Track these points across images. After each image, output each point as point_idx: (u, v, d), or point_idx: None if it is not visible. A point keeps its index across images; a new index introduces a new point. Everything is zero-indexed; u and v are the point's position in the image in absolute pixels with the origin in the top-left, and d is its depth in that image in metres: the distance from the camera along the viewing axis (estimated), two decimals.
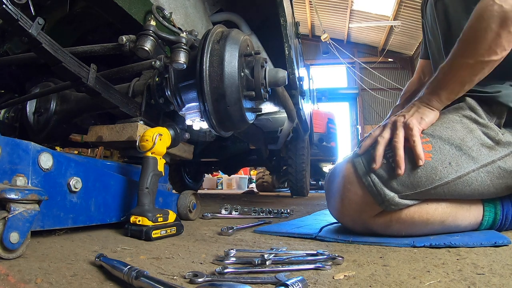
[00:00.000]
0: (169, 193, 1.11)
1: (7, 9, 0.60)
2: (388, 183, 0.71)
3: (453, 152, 0.72)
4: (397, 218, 0.73)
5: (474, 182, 0.71)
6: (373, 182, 0.72)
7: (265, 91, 0.94)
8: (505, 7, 0.68)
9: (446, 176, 0.70)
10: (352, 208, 0.76)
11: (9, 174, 0.62)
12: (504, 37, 0.69)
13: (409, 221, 0.73)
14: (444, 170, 0.70)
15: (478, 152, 0.72)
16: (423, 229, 0.74)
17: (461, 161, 0.71)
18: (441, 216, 0.73)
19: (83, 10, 1.15)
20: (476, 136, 0.74)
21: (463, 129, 0.75)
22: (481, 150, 0.73)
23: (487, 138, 0.75)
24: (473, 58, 0.72)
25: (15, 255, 0.53)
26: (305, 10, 10.22)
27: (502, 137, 0.75)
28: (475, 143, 0.73)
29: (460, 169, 0.71)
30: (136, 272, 0.42)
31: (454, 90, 0.77)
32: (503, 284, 0.42)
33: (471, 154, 0.72)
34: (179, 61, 0.84)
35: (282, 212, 1.33)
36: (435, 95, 0.78)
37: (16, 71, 1.38)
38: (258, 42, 1.57)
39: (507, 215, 0.77)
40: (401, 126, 0.74)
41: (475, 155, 0.72)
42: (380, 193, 0.71)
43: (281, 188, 5.34)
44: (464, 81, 0.75)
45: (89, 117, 1.32)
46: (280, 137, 2.55)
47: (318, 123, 4.67)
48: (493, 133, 0.75)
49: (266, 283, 0.45)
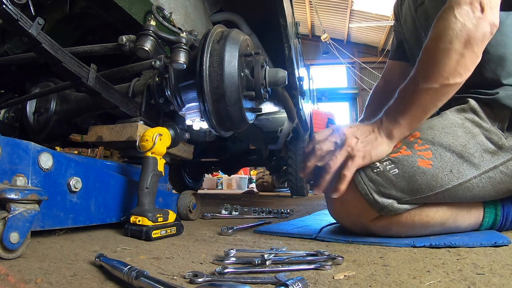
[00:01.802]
0: (169, 193, 1.11)
1: (7, 9, 0.60)
2: (386, 192, 0.69)
3: (454, 160, 0.70)
4: (397, 221, 0.72)
5: (476, 188, 0.70)
6: (369, 191, 0.70)
7: (265, 91, 0.94)
8: (467, 26, 0.65)
9: (447, 183, 0.69)
10: (351, 212, 0.75)
11: (9, 174, 0.62)
12: (468, 57, 0.66)
13: (409, 224, 0.72)
14: (445, 177, 0.69)
15: (481, 158, 0.71)
16: (423, 231, 0.74)
17: (462, 168, 0.69)
18: (441, 219, 0.73)
19: (83, 10, 1.15)
20: (479, 142, 0.72)
21: (465, 134, 0.72)
22: (483, 156, 0.71)
23: (490, 143, 0.72)
24: (438, 82, 0.67)
25: (15, 255, 0.53)
26: (305, 10, 10.22)
27: (505, 142, 0.72)
28: (478, 149, 0.71)
29: (462, 176, 0.69)
30: (136, 272, 0.42)
31: (416, 118, 0.72)
32: (503, 284, 0.42)
33: (473, 161, 0.70)
34: (179, 61, 0.84)
35: (282, 212, 1.33)
36: (395, 125, 0.72)
37: (16, 71, 1.38)
38: (258, 42, 1.57)
39: (508, 216, 0.77)
40: (344, 151, 0.71)
41: (477, 162, 0.70)
42: (378, 201, 0.69)
43: (281, 188, 5.34)
44: (428, 107, 0.71)
45: (89, 117, 1.32)
46: (280, 137, 2.55)
47: (318, 123, 4.67)
48: (496, 138, 0.72)
49: (266, 283, 0.45)
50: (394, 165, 0.70)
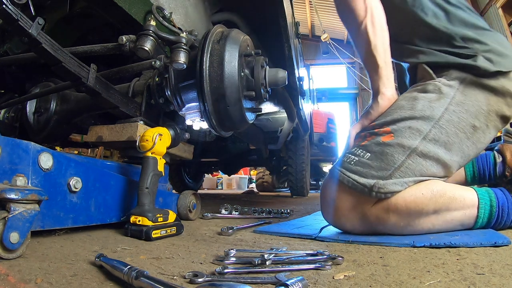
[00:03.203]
0: (169, 193, 1.11)
1: (7, 9, 0.60)
2: (368, 174, 0.76)
3: (409, 123, 0.79)
4: (392, 207, 0.75)
5: (440, 136, 0.78)
6: (353, 180, 0.76)
7: (265, 91, 0.94)
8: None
9: (412, 143, 0.77)
10: (346, 206, 0.79)
11: (9, 174, 0.62)
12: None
13: (405, 210, 0.75)
14: (409, 138, 0.77)
15: (431, 109, 0.79)
16: (419, 219, 0.75)
17: (419, 125, 0.78)
18: (434, 205, 0.75)
19: (83, 10, 1.15)
20: (421, 98, 0.82)
21: (408, 101, 0.83)
22: (432, 106, 0.79)
23: (431, 93, 0.82)
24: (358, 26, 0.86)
25: (15, 255, 0.53)
26: (305, 10, 10.22)
27: (442, 85, 0.82)
28: (424, 103, 0.80)
29: (422, 131, 0.78)
30: (136, 272, 0.42)
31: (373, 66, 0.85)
32: (503, 284, 0.42)
33: (426, 114, 0.79)
34: (179, 61, 0.84)
35: (282, 212, 1.33)
36: (372, 84, 0.87)
37: (16, 71, 1.38)
38: (258, 42, 1.57)
39: (503, 207, 0.76)
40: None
41: (429, 113, 0.79)
42: (364, 183, 0.75)
43: (281, 188, 5.35)
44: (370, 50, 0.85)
45: (89, 117, 1.32)
46: (280, 137, 2.54)
47: (318, 123, 4.67)
48: (433, 86, 0.83)
49: (266, 283, 0.45)
50: (365, 151, 0.80)
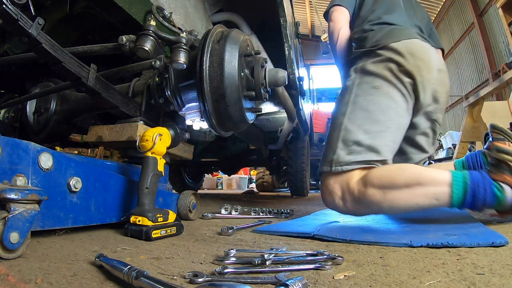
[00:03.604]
0: (169, 193, 1.11)
1: (7, 9, 0.60)
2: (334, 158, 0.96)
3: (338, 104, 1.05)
4: (370, 181, 0.87)
5: (363, 103, 0.98)
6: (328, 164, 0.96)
7: (265, 91, 0.94)
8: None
9: (342, 113, 1.00)
10: (335, 187, 0.94)
11: (9, 174, 0.62)
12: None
13: (379, 182, 0.86)
14: (339, 113, 1.02)
15: (349, 82, 1.05)
16: (393, 191, 0.84)
17: (341, 98, 1.05)
18: (404, 178, 0.84)
19: (83, 10, 1.15)
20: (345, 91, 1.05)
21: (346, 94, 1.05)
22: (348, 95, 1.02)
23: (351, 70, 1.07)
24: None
25: (15, 255, 0.53)
26: (305, 10, 10.22)
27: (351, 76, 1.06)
28: (347, 95, 1.03)
29: (346, 103, 1.01)
30: (136, 272, 0.42)
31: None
32: (503, 284, 0.42)
33: (345, 99, 1.02)
34: (179, 61, 0.84)
35: (282, 212, 1.33)
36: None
37: (16, 71, 1.38)
38: (258, 42, 1.57)
39: (478, 183, 0.78)
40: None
41: (347, 98, 1.02)
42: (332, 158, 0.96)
43: (281, 188, 5.34)
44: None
45: (89, 117, 1.32)
46: (280, 137, 2.54)
47: (318, 123, 4.67)
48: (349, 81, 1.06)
49: (266, 283, 0.45)
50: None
